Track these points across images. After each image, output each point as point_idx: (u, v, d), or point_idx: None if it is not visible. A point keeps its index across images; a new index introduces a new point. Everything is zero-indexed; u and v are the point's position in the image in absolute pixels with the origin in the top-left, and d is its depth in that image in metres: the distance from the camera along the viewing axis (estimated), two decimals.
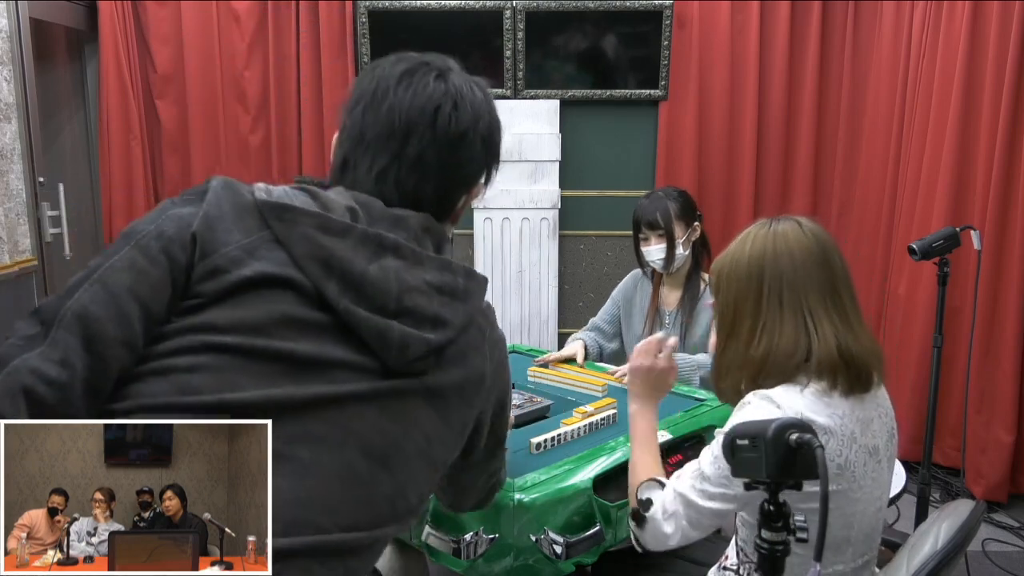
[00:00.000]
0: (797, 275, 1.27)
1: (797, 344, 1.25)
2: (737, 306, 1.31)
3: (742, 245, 1.34)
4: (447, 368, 1.04)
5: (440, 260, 1.04)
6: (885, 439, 1.33)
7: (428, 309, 1.00)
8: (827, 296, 1.27)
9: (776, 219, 1.35)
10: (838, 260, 1.30)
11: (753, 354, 1.28)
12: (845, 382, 1.25)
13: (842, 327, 1.26)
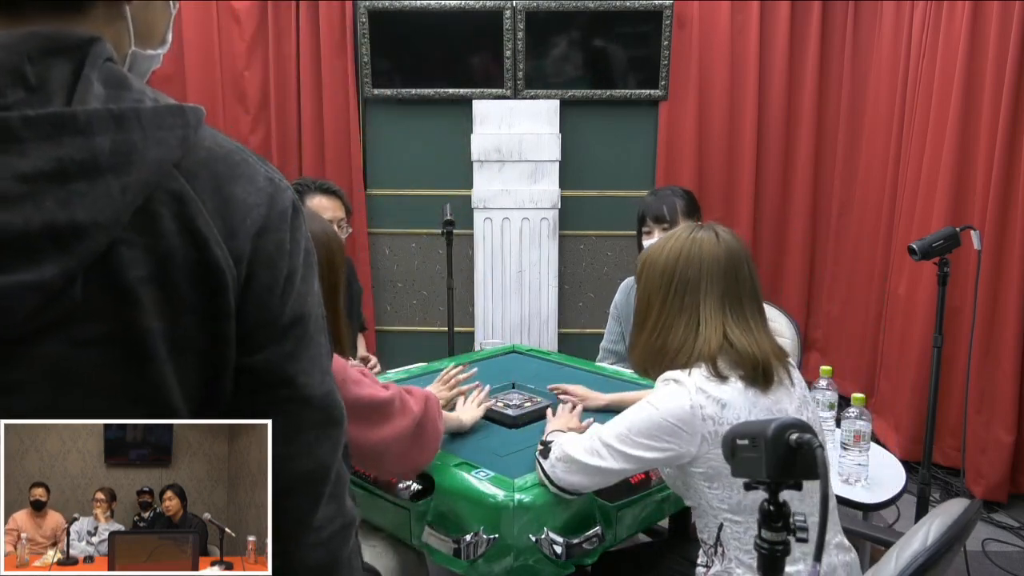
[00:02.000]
0: (701, 282, 1.43)
1: (684, 342, 1.43)
2: (649, 300, 1.48)
3: (664, 244, 1.50)
4: (123, 286, 0.62)
5: (52, 118, 0.57)
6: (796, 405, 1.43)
7: (31, 223, 0.56)
8: (726, 305, 1.43)
9: (700, 225, 1.51)
10: (744, 272, 1.45)
11: (652, 345, 1.47)
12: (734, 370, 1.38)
13: (738, 332, 1.41)
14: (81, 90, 0.60)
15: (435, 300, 4.15)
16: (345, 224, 2.53)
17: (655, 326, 1.47)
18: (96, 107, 0.59)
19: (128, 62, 0.71)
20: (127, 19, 0.68)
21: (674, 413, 1.36)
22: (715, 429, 1.35)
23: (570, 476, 1.44)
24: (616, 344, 2.58)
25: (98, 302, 0.61)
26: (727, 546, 1.39)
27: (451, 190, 3.94)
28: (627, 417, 1.42)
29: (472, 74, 3.89)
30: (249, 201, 0.67)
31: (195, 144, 0.65)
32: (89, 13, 0.65)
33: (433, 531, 1.51)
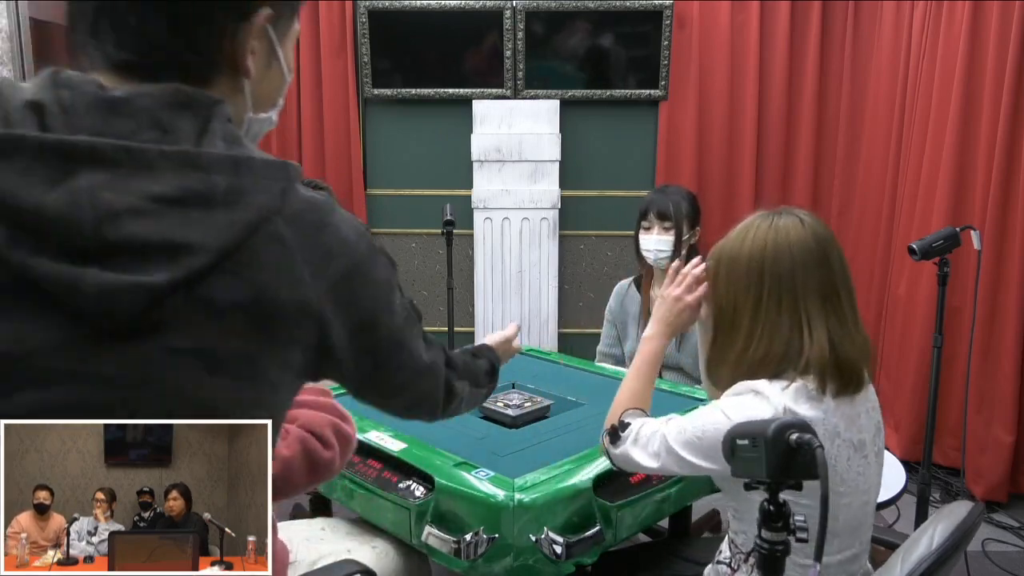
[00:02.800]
0: (796, 276, 1.27)
1: (790, 346, 1.27)
2: (736, 304, 1.31)
3: (742, 238, 1.34)
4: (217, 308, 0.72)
5: (182, 155, 0.70)
6: (872, 433, 1.34)
7: (152, 236, 0.68)
8: (825, 298, 1.27)
9: (777, 212, 1.34)
10: (837, 258, 1.30)
11: (751, 355, 1.29)
12: (834, 384, 1.26)
13: (838, 329, 1.27)
14: (207, 139, 0.73)
15: (435, 300, 4.15)
16: None
17: (751, 333, 1.29)
18: (218, 152, 0.73)
19: (245, 125, 0.86)
20: (244, 91, 0.82)
21: None
22: None
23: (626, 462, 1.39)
24: (612, 347, 2.58)
25: (193, 317, 0.71)
26: None
27: (451, 190, 3.94)
28: (697, 423, 1.30)
29: (472, 74, 3.89)
30: (335, 249, 0.79)
31: (293, 195, 0.76)
32: (214, 84, 0.79)
33: (433, 531, 1.51)
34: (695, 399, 2.05)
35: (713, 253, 1.40)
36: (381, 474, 1.66)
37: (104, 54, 0.76)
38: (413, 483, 1.60)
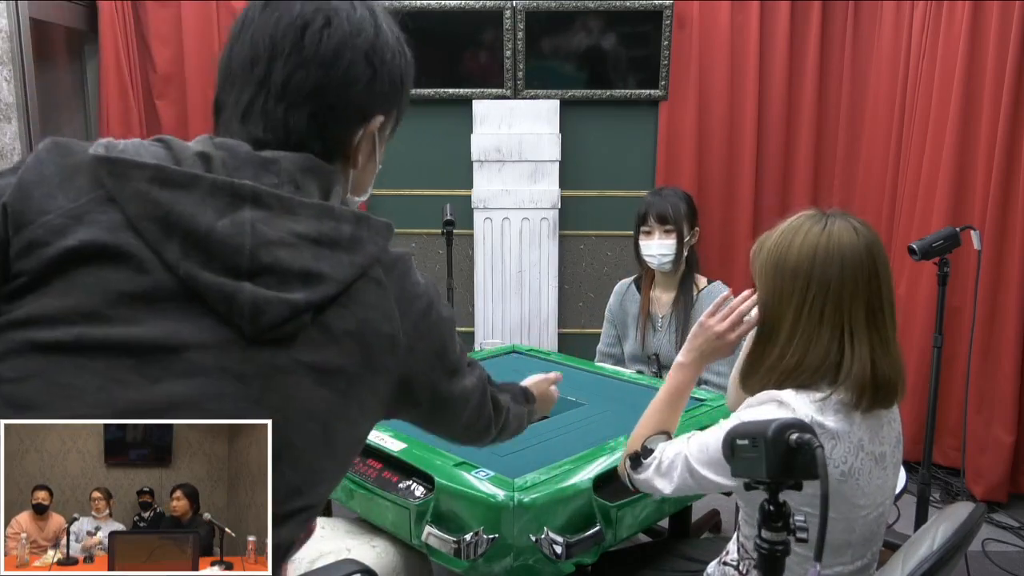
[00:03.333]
0: (844, 287, 1.22)
1: (827, 358, 1.23)
2: (779, 306, 1.26)
3: (791, 236, 1.27)
4: (332, 332, 0.87)
5: (319, 206, 0.89)
6: (892, 445, 1.33)
7: (294, 264, 0.84)
8: (871, 312, 1.24)
9: (832, 214, 1.28)
10: (885, 272, 1.26)
11: (786, 362, 1.25)
12: (869, 401, 1.24)
13: (880, 346, 1.24)
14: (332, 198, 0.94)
15: None
16: None
17: (790, 339, 1.24)
18: (346, 208, 0.93)
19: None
20: (349, 176, 1.03)
21: None
22: None
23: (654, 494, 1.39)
24: (612, 347, 2.58)
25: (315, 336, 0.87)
26: None
27: (451, 190, 3.94)
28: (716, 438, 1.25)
29: (472, 74, 3.89)
30: (416, 292, 0.97)
31: (390, 249, 0.97)
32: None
33: (433, 531, 1.51)
34: (694, 399, 2.05)
35: (757, 248, 1.33)
36: (381, 474, 1.66)
37: (249, 133, 0.93)
38: (413, 483, 1.60)
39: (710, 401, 2.01)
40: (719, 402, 2.01)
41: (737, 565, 1.43)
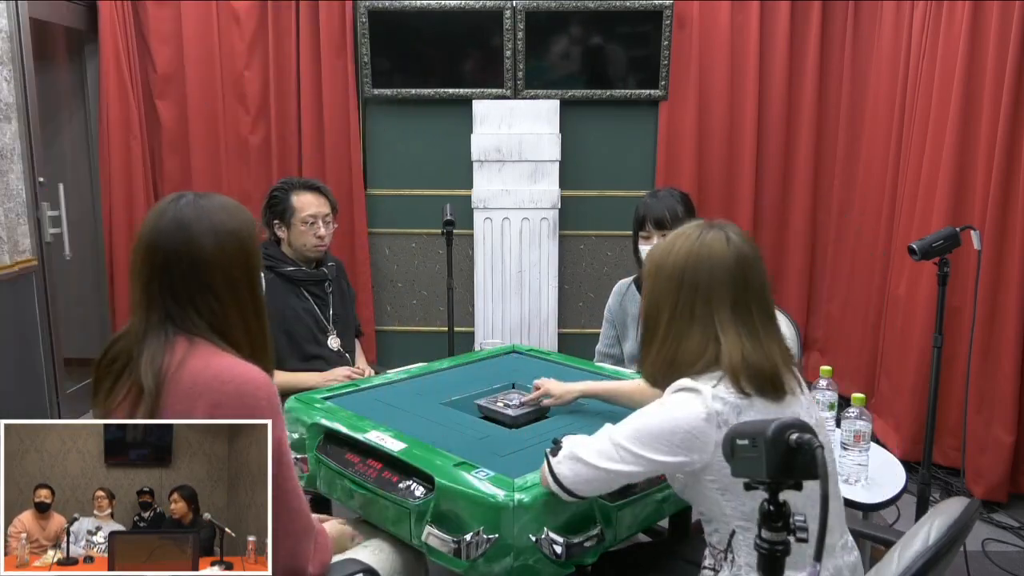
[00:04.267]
0: (712, 289, 1.36)
1: (704, 351, 1.36)
2: (659, 306, 1.41)
3: (671, 244, 1.43)
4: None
5: None
6: (805, 409, 1.40)
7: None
8: (737, 312, 1.36)
9: (710, 224, 1.43)
10: (754, 276, 1.39)
11: (664, 355, 1.39)
12: (751, 387, 1.33)
13: (748, 340, 1.35)
14: None
15: (435, 300, 4.15)
16: (331, 220, 2.54)
17: (666, 335, 1.39)
18: None
19: None
20: None
21: (688, 421, 1.31)
22: None
23: (576, 476, 1.41)
24: (612, 348, 2.57)
25: None
26: (737, 552, 1.38)
27: (451, 190, 3.94)
28: (639, 418, 1.38)
29: (472, 74, 3.89)
30: None
31: None
32: None
33: (433, 531, 1.51)
34: None
35: (647, 255, 1.50)
36: (381, 474, 1.66)
37: None
38: (413, 483, 1.60)
39: None
40: None
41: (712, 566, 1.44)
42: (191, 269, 1.27)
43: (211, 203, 1.33)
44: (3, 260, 3.14)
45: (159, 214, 1.31)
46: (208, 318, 1.28)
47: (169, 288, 1.27)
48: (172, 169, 4.04)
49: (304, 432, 1.88)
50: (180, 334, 1.26)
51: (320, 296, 2.55)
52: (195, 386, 1.20)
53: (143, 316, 1.27)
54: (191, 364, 1.23)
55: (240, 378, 1.22)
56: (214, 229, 1.30)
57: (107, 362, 1.28)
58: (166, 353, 1.23)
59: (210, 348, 1.26)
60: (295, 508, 1.25)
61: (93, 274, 4.14)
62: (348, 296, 2.71)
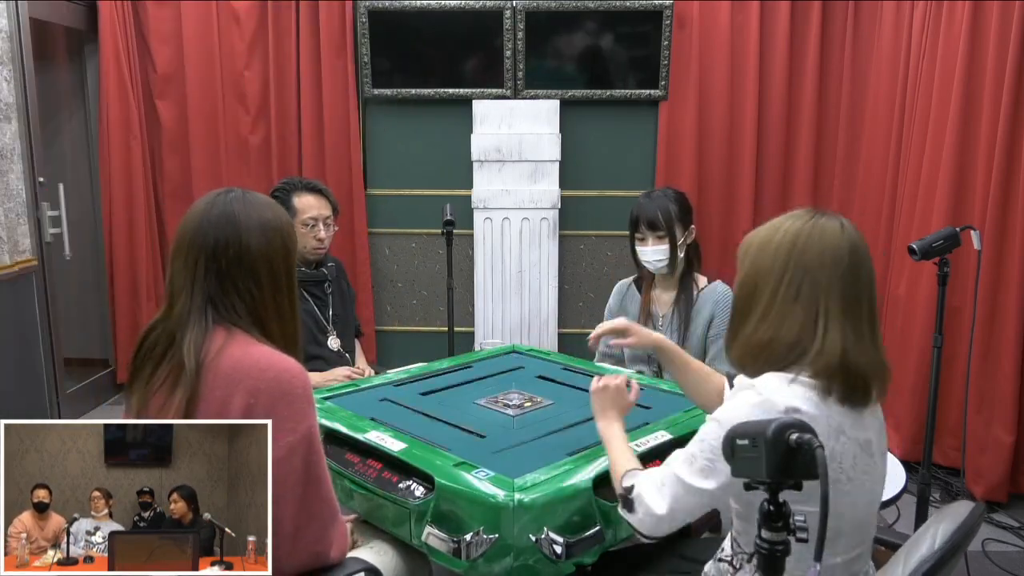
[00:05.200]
0: (822, 274, 1.26)
1: (800, 339, 1.25)
2: (756, 285, 1.30)
3: (778, 226, 1.32)
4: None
5: None
6: (877, 432, 1.33)
7: None
8: (846, 303, 1.26)
9: (822, 212, 1.33)
10: (866, 272, 1.29)
11: (760, 337, 1.28)
12: (839, 389, 1.25)
13: (852, 337, 1.25)
14: None
15: (435, 300, 4.15)
16: (331, 222, 2.53)
17: (764, 315, 1.28)
18: None
19: None
20: None
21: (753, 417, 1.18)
22: None
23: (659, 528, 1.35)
24: (612, 348, 2.57)
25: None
26: None
27: (451, 190, 3.94)
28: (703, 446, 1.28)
29: (472, 74, 3.89)
30: None
31: None
32: None
33: (433, 531, 1.51)
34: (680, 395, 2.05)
35: (745, 240, 1.38)
36: (381, 474, 1.66)
37: None
38: (413, 483, 1.60)
39: None
40: None
41: (731, 560, 1.43)
42: (237, 258, 1.34)
43: (257, 200, 1.42)
44: (3, 260, 3.14)
45: (209, 204, 1.38)
46: (249, 305, 1.34)
47: (216, 273, 1.33)
48: (172, 169, 4.04)
49: None
50: (219, 323, 1.32)
51: (320, 297, 2.55)
52: (236, 372, 1.25)
53: (187, 299, 1.32)
54: (230, 351, 1.28)
55: (278, 366, 1.28)
56: (261, 223, 1.37)
57: (147, 349, 1.33)
58: (206, 339, 1.29)
59: (247, 338, 1.32)
60: (324, 496, 1.31)
61: (93, 274, 4.14)
62: (348, 296, 2.71)
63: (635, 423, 1.86)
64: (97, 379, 4.05)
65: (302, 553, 1.26)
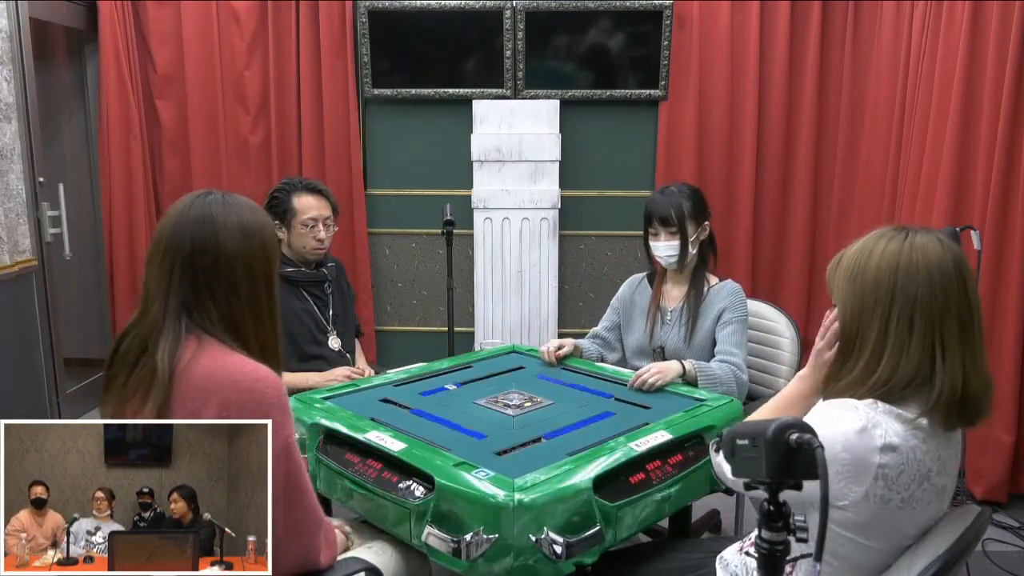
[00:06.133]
0: (934, 300, 1.18)
1: (919, 373, 1.19)
2: (862, 320, 1.23)
3: (870, 249, 1.24)
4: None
5: None
6: (953, 477, 1.29)
7: None
8: (962, 325, 1.19)
9: (913, 229, 1.24)
10: (973, 287, 1.22)
11: (877, 377, 1.20)
12: (956, 421, 1.21)
13: (970, 362, 1.20)
14: None
15: (435, 300, 4.15)
16: (331, 222, 2.53)
17: (877, 351, 1.20)
18: None
19: None
20: None
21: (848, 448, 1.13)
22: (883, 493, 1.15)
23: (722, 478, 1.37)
24: (609, 332, 2.58)
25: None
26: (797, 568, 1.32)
27: (451, 190, 3.94)
28: None
29: (472, 74, 3.89)
30: None
31: None
32: None
33: (433, 531, 1.51)
34: (694, 399, 2.05)
35: (833, 265, 1.30)
36: (381, 474, 1.66)
37: None
38: (413, 483, 1.60)
39: (710, 401, 2.01)
40: (720, 402, 2.01)
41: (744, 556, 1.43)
42: (214, 263, 1.30)
43: (238, 202, 1.37)
44: (3, 260, 3.13)
45: (187, 206, 1.33)
46: (224, 312, 1.30)
47: (191, 278, 1.29)
48: (172, 169, 4.04)
49: (304, 432, 1.88)
50: (192, 330, 1.28)
51: (320, 297, 2.55)
52: (208, 383, 1.22)
53: (160, 306, 1.28)
54: (203, 361, 1.25)
55: (251, 376, 1.24)
56: (240, 227, 1.33)
57: (121, 355, 1.30)
58: (180, 347, 1.25)
59: (220, 347, 1.28)
60: (308, 505, 1.28)
61: (93, 274, 4.14)
62: (348, 296, 2.71)
63: (635, 423, 1.86)
64: (97, 379, 4.05)
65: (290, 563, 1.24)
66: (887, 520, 1.19)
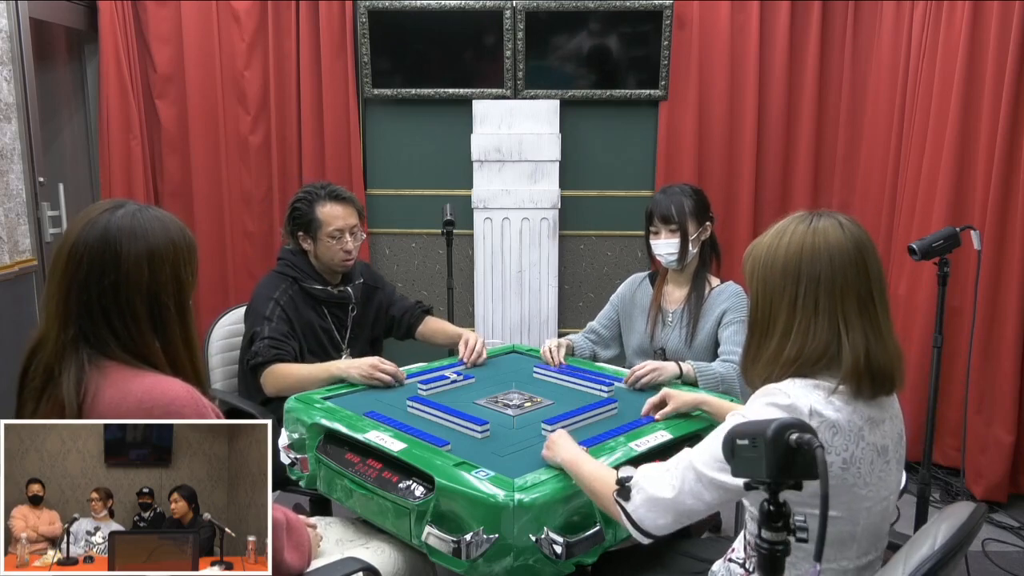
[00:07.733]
0: (835, 279, 1.27)
1: (828, 347, 1.27)
2: (772, 303, 1.31)
3: (779, 238, 1.33)
4: None
5: None
6: (895, 440, 1.34)
7: None
8: (861, 302, 1.27)
9: (817, 214, 1.34)
10: (874, 264, 1.30)
11: (787, 354, 1.29)
12: (868, 390, 1.27)
13: (872, 335, 1.27)
14: None
15: (435, 300, 4.15)
16: (358, 230, 2.45)
17: (786, 332, 1.29)
18: None
19: None
20: None
21: None
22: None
23: (658, 519, 1.32)
24: (604, 328, 2.59)
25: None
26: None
27: (451, 190, 3.94)
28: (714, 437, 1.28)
29: (472, 74, 3.89)
30: None
31: None
32: None
33: (433, 531, 1.51)
34: None
35: (747, 254, 1.38)
36: (381, 474, 1.66)
37: None
38: (413, 483, 1.60)
39: None
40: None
41: (743, 563, 1.43)
42: (112, 289, 1.18)
43: (150, 219, 1.23)
44: (3, 260, 3.14)
45: (90, 224, 1.21)
46: (125, 342, 1.18)
47: (86, 305, 1.17)
48: (172, 169, 4.04)
49: (304, 432, 1.88)
50: (93, 358, 1.18)
51: (340, 317, 2.50)
52: (117, 415, 1.11)
53: (59, 332, 1.18)
54: (107, 393, 1.14)
55: (162, 400, 1.12)
56: (148, 254, 1.20)
57: (28, 382, 1.19)
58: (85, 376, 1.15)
59: (123, 371, 1.18)
60: None
61: None
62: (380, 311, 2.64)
63: (636, 414, 1.86)
64: None
65: None
66: (837, 484, 1.24)
